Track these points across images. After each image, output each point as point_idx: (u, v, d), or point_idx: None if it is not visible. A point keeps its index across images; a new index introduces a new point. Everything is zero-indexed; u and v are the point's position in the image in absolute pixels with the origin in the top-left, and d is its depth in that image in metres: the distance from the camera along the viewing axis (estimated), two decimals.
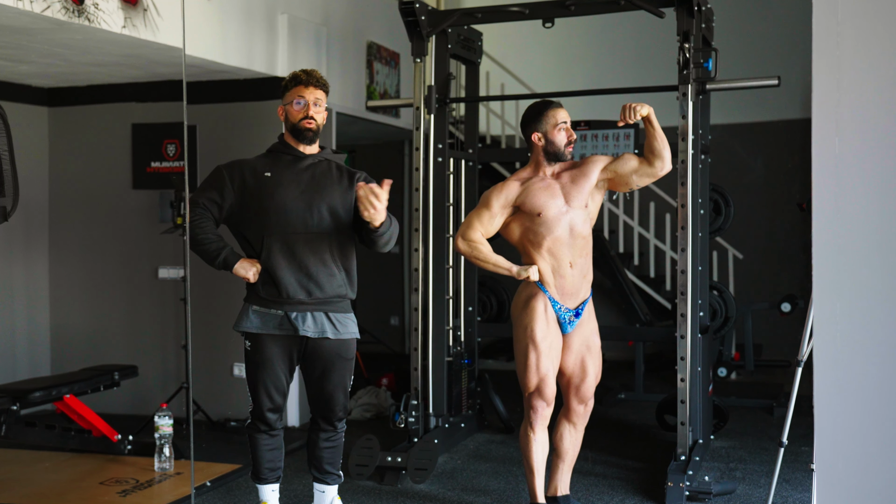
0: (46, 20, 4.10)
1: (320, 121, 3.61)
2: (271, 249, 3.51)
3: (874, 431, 1.55)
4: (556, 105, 3.88)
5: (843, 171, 1.54)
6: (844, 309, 1.55)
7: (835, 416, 1.56)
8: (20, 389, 4.63)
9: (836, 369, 1.56)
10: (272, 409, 3.63)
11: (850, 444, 1.56)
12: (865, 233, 1.54)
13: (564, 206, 3.82)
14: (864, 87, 1.54)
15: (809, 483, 4.14)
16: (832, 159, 1.55)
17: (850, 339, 1.55)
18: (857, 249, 1.54)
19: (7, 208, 3.78)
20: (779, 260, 8.25)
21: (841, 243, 1.55)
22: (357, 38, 6.58)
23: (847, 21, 1.53)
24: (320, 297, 3.55)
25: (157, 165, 6.03)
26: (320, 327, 3.56)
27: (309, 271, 3.52)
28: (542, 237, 3.81)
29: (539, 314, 3.81)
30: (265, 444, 3.68)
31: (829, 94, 1.54)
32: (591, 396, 3.96)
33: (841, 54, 1.54)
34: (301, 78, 3.61)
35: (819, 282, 1.57)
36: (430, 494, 4.45)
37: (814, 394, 1.59)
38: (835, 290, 1.56)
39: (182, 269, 5.84)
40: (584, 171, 3.88)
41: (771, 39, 8.20)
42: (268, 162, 3.61)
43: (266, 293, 3.55)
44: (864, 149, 1.54)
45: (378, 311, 8.80)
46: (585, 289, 3.88)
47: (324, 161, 3.65)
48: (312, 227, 3.53)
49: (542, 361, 3.79)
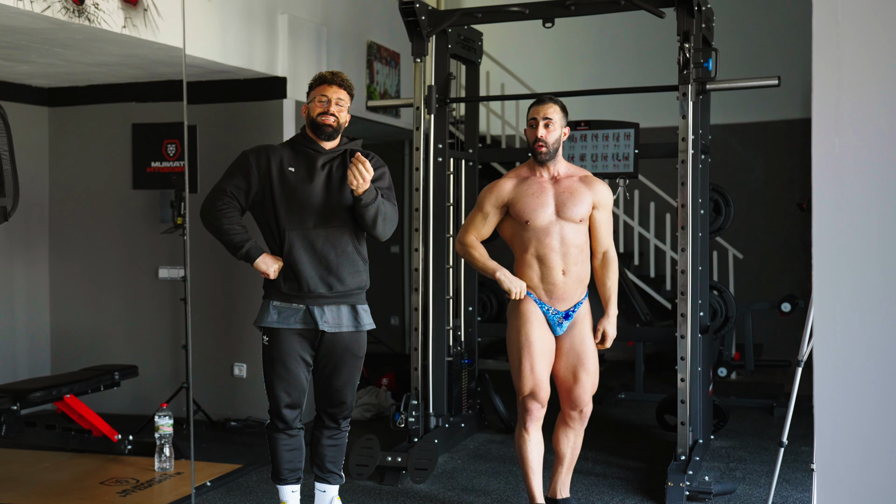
0: (46, 20, 4.10)
1: (342, 119, 3.63)
2: (293, 244, 3.54)
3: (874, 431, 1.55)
4: (539, 101, 3.81)
5: (843, 171, 1.54)
6: (844, 309, 1.55)
7: (835, 416, 1.56)
8: (20, 389, 4.64)
9: (836, 369, 1.56)
10: (290, 406, 3.63)
11: (850, 444, 1.56)
12: (865, 233, 1.54)
13: (554, 217, 3.75)
14: (864, 87, 1.53)
15: (809, 483, 4.15)
16: (832, 159, 1.55)
17: (850, 339, 1.55)
18: (857, 249, 1.54)
19: (7, 208, 3.78)
20: (779, 260, 8.25)
21: (841, 243, 1.55)
22: (357, 38, 6.58)
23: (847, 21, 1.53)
24: (341, 291, 3.58)
25: (157, 165, 6.02)
26: (339, 321, 3.60)
27: (329, 265, 3.55)
28: (530, 244, 3.77)
29: (528, 317, 3.77)
30: (284, 444, 3.68)
31: (829, 94, 1.54)
32: (587, 403, 3.86)
33: (841, 54, 1.54)
34: (326, 77, 3.64)
35: (819, 282, 1.57)
36: (430, 494, 4.45)
37: (814, 394, 1.59)
38: (835, 290, 1.56)
39: (182, 269, 5.84)
40: (587, 191, 3.78)
41: (771, 39, 8.20)
42: (291, 156, 3.63)
43: (287, 288, 3.57)
44: (864, 149, 1.54)
45: (378, 311, 8.76)
46: (580, 292, 3.81)
47: (341, 154, 3.67)
48: (332, 221, 3.57)
49: (534, 363, 3.76)
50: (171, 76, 5.67)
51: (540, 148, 3.75)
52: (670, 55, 4.75)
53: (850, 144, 1.54)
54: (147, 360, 5.89)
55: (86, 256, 6.24)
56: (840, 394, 1.56)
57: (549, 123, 3.75)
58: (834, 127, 1.54)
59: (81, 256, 6.25)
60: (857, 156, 1.54)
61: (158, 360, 6.03)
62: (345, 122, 3.65)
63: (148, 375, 5.78)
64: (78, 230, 6.26)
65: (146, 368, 5.70)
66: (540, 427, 3.86)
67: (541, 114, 3.76)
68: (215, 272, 5.85)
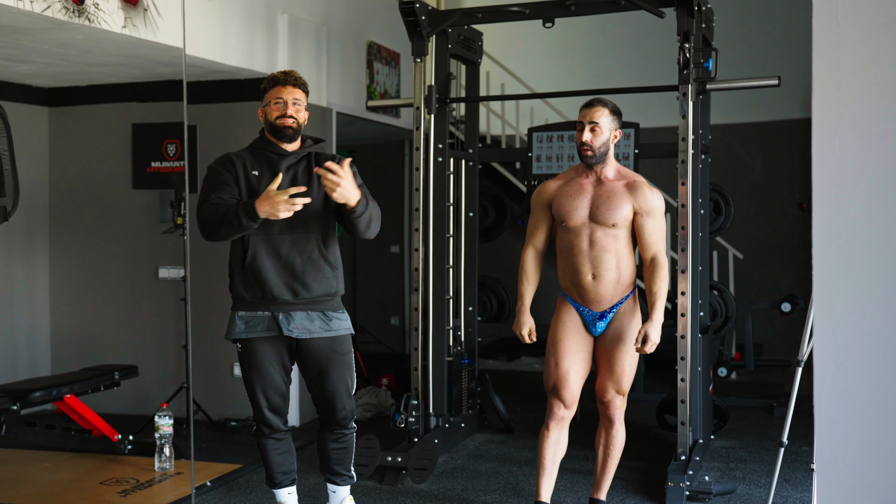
0: (46, 20, 4.10)
1: (301, 119, 3.54)
2: (257, 250, 3.46)
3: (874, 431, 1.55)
4: (587, 103, 3.75)
5: (843, 171, 1.54)
6: (844, 309, 1.55)
7: (835, 416, 1.56)
8: (20, 389, 4.63)
9: (836, 369, 1.56)
10: (272, 410, 3.59)
11: (850, 444, 1.56)
12: (865, 233, 1.54)
13: (587, 220, 3.72)
14: (864, 87, 1.53)
15: (809, 483, 4.15)
16: (832, 159, 1.55)
17: (850, 339, 1.55)
18: (857, 249, 1.54)
19: (7, 208, 3.78)
20: (779, 260, 8.25)
21: (841, 243, 1.55)
22: (357, 38, 6.58)
23: (847, 21, 1.53)
24: (307, 297, 3.51)
25: (157, 165, 6.02)
26: (307, 327, 3.52)
27: (295, 272, 3.48)
28: (564, 246, 3.78)
29: (561, 317, 3.81)
30: (273, 448, 3.64)
31: (829, 94, 1.54)
32: (613, 397, 3.80)
33: (841, 54, 1.54)
34: (279, 78, 3.54)
35: (819, 282, 1.57)
36: (430, 494, 4.45)
37: (814, 394, 1.59)
38: (835, 290, 1.56)
39: (182, 269, 5.83)
40: (627, 196, 3.72)
41: (771, 39, 8.20)
42: (253, 160, 3.55)
43: (251, 296, 3.51)
44: (864, 149, 1.54)
45: (378, 311, 8.80)
46: (618, 294, 3.75)
47: (305, 159, 3.59)
48: (298, 227, 3.49)
49: (558, 360, 3.76)
50: (171, 76, 5.67)
51: (586, 152, 3.72)
52: (670, 55, 4.75)
53: (850, 144, 1.54)
54: (147, 360, 5.89)
55: (86, 256, 6.24)
56: (840, 394, 1.56)
57: (595, 127, 3.70)
58: (834, 127, 1.54)
59: (81, 256, 6.25)
60: (857, 156, 1.54)
61: (158, 360, 6.03)
62: (304, 122, 3.56)
63: (148, 375, 5.77)
64: (78, 230, 6.25)
65: (146, 368, 5.70)
66: (563, 427, 3.82)
67: (587, 118, 3.72)
68: (215, 272, 5.84)
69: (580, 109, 3.78)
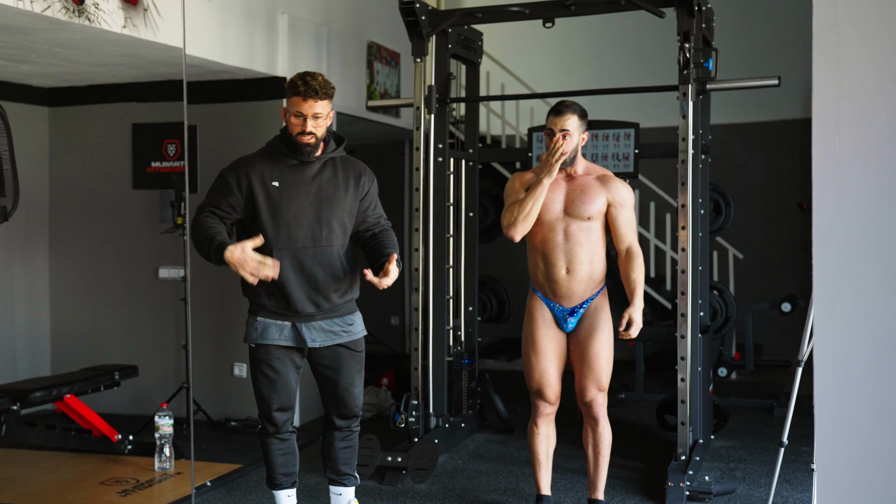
0: (46, 20, 4.10)
1: (320, 134, 3.45)
2: (281, 263, 3.39)
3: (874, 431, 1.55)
4: (556, 111, 3.76)
5: (843, 171, 1.54)
6: (844, 309, 1.55)
7: (835, 416, 1.56)
8: (20, 389, 4.63)
9: (836, 369, 1.56)
10: (280, 409, 3.57)
11: (850, 444, 1.56)
12: (865, 233, 1.54)
13: (561, 214, 3.77)
14: (864, 87, 1.53)
15: (809, 483, 4.14)
16: (832, 159, 1.55)
17: (850, 339, 1.55)
18: (857, 249, 1.54)
19: (7, 208, 3.78)
20: (779, 260, 8.25)
21: (841, 243, 1.55)
22: (357, 38, 6.58)
23: (847, 21, 1.53)
24: (328, 308, 3.53)
25: (157, 165, 6.02)
26: (328, 336, 3.54)
27: (318, 285, 3.48)
28: (537, 240, 3.82)
29: (533, 315, 3.86)
30: (277, 448, 3.62)
31: (829, 94, 1.54)
32: (593, 396, 3.83)
33: (841, 54, 1.54)
34: (300, 90, 3.37)
35: (819, 282, 1.57)
36: (431, 494, 4.45)
37: (814, 394, 1.59)
38: (835, 290, 1.56)
39: (182, 269, 5.84)
40: (601, 189, 3.77)
41: (771, 39, 8.20)
42: (273, 167, 3.47)
43: (273, 305, 3.50)
44: (864, 149, 1.54)
45: (378, 311, 8.79)
46: (589, 290, 3.81)
47: (328, 165, 3.54)
48: (321, 241, 3.48)
49: (537, 362, 3.84)
50: (171, 76, 5.67)
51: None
52: (670, 55, 4.75)
53: (850, 144, 1.54)
54: (147, 360, 5.89)
55: (86, 256, 6.24)
56: (840, 394, 1.56)
57: (567, 134, 3.74)
58: (834, 127, 1.54)
59: (81, 256, 6.25)
60: (857, 156, 1.54)
61: (158, 360, 6.03)
62: (323, 133, 3.47)
63: (148, 375, 5.78)
64: (78, 230, 6.25)
65: (146, 368, 5.70)
66: (550, 422, 3.92)
67: (558, 126, 3.74)
68: (215, 272, 5.83)
69: (548, 116, 3.78)
